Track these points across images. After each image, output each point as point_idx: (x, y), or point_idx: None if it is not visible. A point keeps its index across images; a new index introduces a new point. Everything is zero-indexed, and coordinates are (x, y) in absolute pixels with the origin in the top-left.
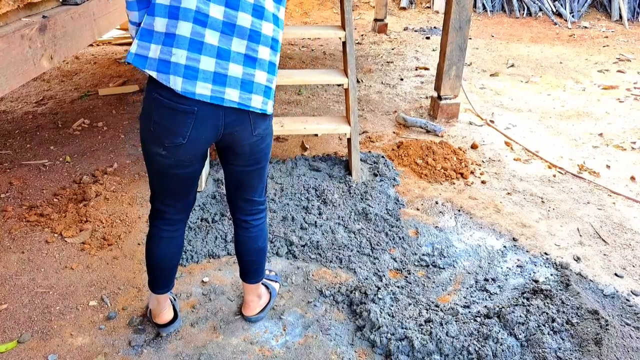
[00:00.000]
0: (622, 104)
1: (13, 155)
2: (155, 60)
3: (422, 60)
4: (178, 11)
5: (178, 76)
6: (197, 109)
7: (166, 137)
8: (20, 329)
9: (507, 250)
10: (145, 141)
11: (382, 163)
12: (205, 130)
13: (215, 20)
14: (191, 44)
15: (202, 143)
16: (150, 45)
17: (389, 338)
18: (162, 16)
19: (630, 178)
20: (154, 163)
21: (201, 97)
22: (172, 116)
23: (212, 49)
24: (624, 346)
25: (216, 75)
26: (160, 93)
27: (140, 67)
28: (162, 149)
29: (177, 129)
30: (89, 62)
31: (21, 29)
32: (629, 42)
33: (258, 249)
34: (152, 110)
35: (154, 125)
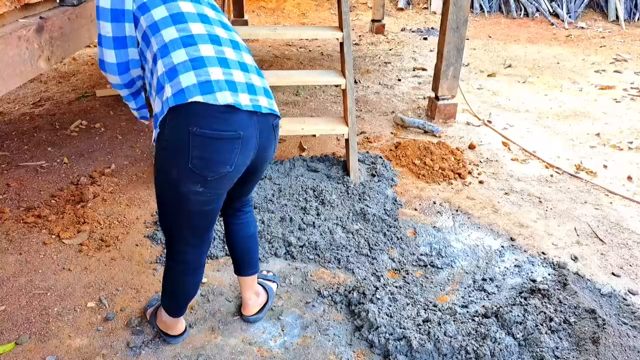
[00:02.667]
0: (619, 104)
1: (10, 157)
2: (194, 86)
3: (419, 61)
4: (193, 38)
5: (225, 90)
6: (242, 133)
7: (211, 170)
8: (18, 330)
9: (505, 250)
10: (177, 182)
11: (380, 163)
12: (249, 153)
13: (224, 39)
14: (220, 61)
15: (242, 168)
16: (179, 78)
17: (387, 338)
18: (178, 48)
19: (627, 178)
20: (185, 203)
21: (247, 107)
22: (219, 146)
23: (236, 63)
24: (621, 345)
25: (248, 86)
26: (199, 125)
27: (182, 101)
28: (200, 185)
29: (225, 157)
30: (86, 63)
31: (18, 30)
32: (625, 42)
33: (250, 236)
34: (191, 145)
35: (193, 161)
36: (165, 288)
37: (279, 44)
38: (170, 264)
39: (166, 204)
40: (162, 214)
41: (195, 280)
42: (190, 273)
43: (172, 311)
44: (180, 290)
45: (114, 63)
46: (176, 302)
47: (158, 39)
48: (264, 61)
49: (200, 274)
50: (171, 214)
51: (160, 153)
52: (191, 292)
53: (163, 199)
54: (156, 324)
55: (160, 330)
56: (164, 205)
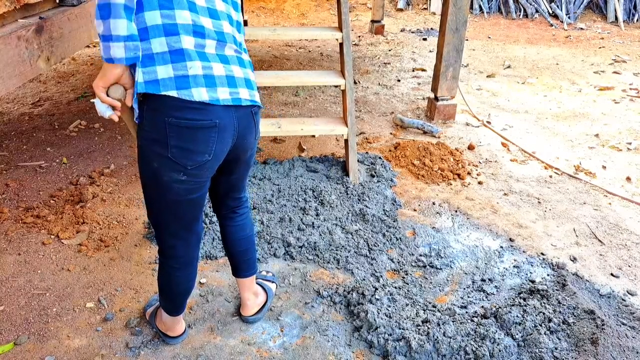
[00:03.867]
0: (618, 105)
1: (9, 157)
2: (170, 79)
3: (419, 62)
4: (176, 27)
5: (201, 87)
6: (218, 122)
7: (190, 159)
8: (17, 331)
9: (504, 250)
10: (158, 171)
11: (379, 164)
12: (226, 141)
13: (210, 31)
14: (199, 54)
15: (222, 156)
16: (155, 68)
17: (387, 339)
18: (159, 36)
19: (626, 178)
20: (168, 192)
21: (225, 102)
22: (195, 135)
23: (215, 56)
24: (620, 346)
25: (228, 79)
26: (174, 115)
27: (155, 91)
28: (182, 173)
29: (202, 147)
30: (85, 64)
31: (18, 30)
32: (624, 43)
33: (246, 237)
34: (168, 135)
35: (172, 151)
36: (160, 287)
37: (279, 45)
38: (162, 261)
39: (152, 195)
40: (149, 207)
41: (189, 275)
42: (183, 268)
43: (170, 310)
44: (175, 287)
45: None
46: (172, 299)
47: (140, 19)
48: (264, 61)
49: (193, 269)
50: (157, 206)
51: (141, 144)
52: (186, 288)
53: (148, 190)
54: (155, 325)
55: (160, 331)
56: (150, 197)
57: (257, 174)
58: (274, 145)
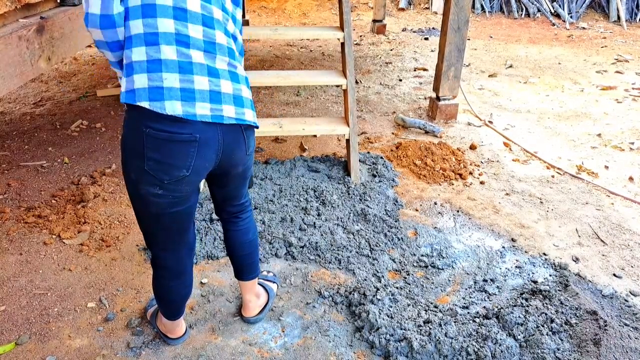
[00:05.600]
0: (620, 105)
1: (11, 157)
2: (144, 90)
3: (420, 61)
4: (157, 37)
5: (175, 100)
6: (198, 136)
7: (166, 173)
8: (18, 330)
9: (506, 251)
10: (135, 183)
11: (380, 164)
12: (208, 157)
13: (197, 40)
14: (181, 65)
15: (204, 172)
16: (133, 77)
17: (388, 339)
18: (139, 45)
19: (629, 178)
20: (148, 205)
21: (202, 118)
22: (173, 149)
23: (202, 67)
24: (622, 347)
25: (212, 94)
26: (152, 126)
27: (131, 101)
28: (158, 187)
29: (179, 161)
30: (87, 63)
31: (19, 30)
32: (627, 42)
33: (249, 242)
34: (145, 146)
35: (148, 163)
36: (155, 294)
37: (280, 44)
38: (154, 270)
39: (136, 207)
40: (137, 218)
41: (182, 284)
42: (174, 278)
43: (167, 315)
44: (169, 295)
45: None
46: (168, 306)
47: (127, 28)
48: (265, 61)
49: (187, 278)
50: (142, 218)
51: (122, 153)
52: (181, 295)
53: (132, 202)
54: (156, 325)
55: (160, 332)
56: (135, 209)
57: (258, 174)
58: (276, 145)
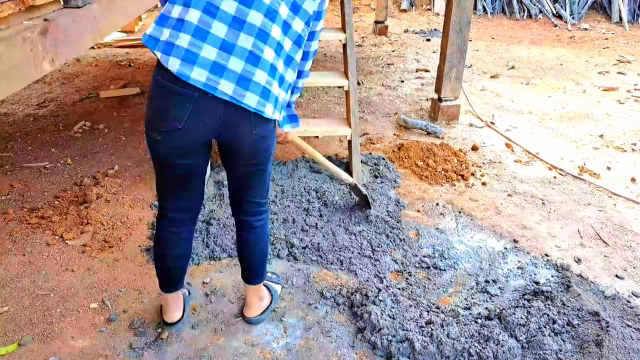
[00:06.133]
0: (622, 106)
1: (14, 158)
2: (162, 42)
3: (422, 63)
4: (190, 1)
5: (177, 58)
6: (197, 95)
7: (163, 121)
8: (21, 331)
9: (508, 251)
10: (145, 126)
11: (382, 165)
12: (203, 119)
13: (225, 14)
14: (196, 30)
15: (199, 132)
16: (162, 29)
17: (390, 340)
18: (179, 4)
19: (631, 179)
20: (152, 150)
21: (195, 82)
22: (170, 99)
23: (217, 40)
24: (624, 348)
25: (215, 65)
26: (162, 75)
27: (150, 47)
28: (158, 134)
29: (174, 112)
30: (90, 65)
31: (22, 32)
32: (629, 43)
33: (260, 250)
34: (154, 93)
35: (152, 108)
36: (154, 250)
37: None
38: (155, 231)
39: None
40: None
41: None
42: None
43: (161, 282)
44: (163, 251)
45: None
46: (162, 269)
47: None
48: None
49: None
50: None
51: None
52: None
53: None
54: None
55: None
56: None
57: None
58: (278, 146)
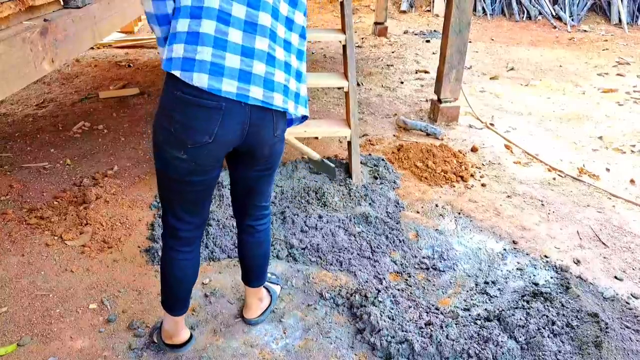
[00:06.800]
0: (621, 107)
1: (13, 158)
2: (179, 59)
3: (422, 64)
4: (201, 11)
5: (204, 73)
6: (224, 105)
7: (190, 137)
8: (20, 332)
9: (507, 253)
10: (162, 145)
11: (382, 166)
12: (232, 128)
13: (237, 20)
14: (216, 41)
15: (227, 143)
16: (173, 46)
17: (389, 341)
18: (185, 17)
19: (630, 181)
20: (169, 169)
21: (227, 94)
22: (198, 113)
23: (237, 47)
24: (623, 349)
25: (241, 73)
26: (183, 90)
27: (167, 69)
28: (182, 151)
29: (204, 126)
30: (89, 65)
31: (22, 32)
32: (628, 45)
33: (262, 254)
34: (175, 109)
35: (175, 126)
36: (162, 272)
37: None
38: (165, 241)
39: (157, 170)
40: (157, 181)
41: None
42: (182, 251)
43: (170, 305)
44: (174, 271)
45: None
46: (171, 288)
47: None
48: None
49: (192, 267)
50: (162, 182)
51: (155, 116)
52: (186, 275)
53: (155, 164)
54: (160, 338)
55: (164, 343)
56: (157, 171)
57: None
58: None
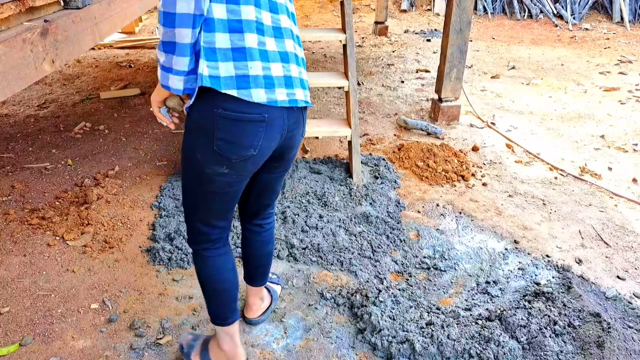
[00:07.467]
0: (623, 106)
1: (15, 159)
2: (232, 79)
3: (422, 63)
4: (241, 24)
5: (260, 88)
6: (267, 116)
7: (235, 152)
8: (22, 332)
9: (509, 252)
10: (202, 164)
11: (383, 166)
12: (274, 137)
13: (268, 27)
14: (261, 54)
15: (268, 152)
16: (218, 64)
17: (390, 341)
18: (223, 31)
19: (632, 180)
20: (211, 184)
21: (283, 103)
22: (244, 128)
23: (275, 54)
24: (626, 349)
25: (286, 79)
26: (224, 107)
27: (217, 88)
28: (225, 167)
29: (248, 141)
30: (90, 66)
31: (23, 33)
32: (630, 43)
33: (267, 253)
34: (215, 127)
35: (217, 143)
36: (202, 284)
37: None
38: (195, 249)
39: (190, 185)
40: (185, 195)
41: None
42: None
43: (220, 315)
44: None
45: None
46: (218, 294)
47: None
48: None
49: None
50: (194, 196)
51: (186, 135)
52: (228, 277)
53: (187, 179)
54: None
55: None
56: (188, 186)
57: None
58: None
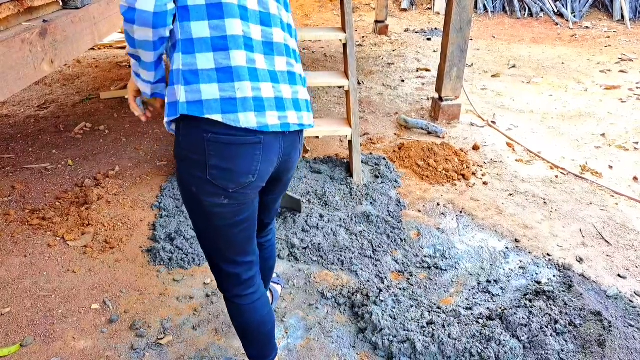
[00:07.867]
0: (624, 104)
1: (15, 159)
2: (215, 102)
3: (423, 62)
4: (226, 41)
5: (249, 111)
6: (263, 138)
7: (232, 181)
8: (23, 332)
9: (509, 251)
10: (197, 197)
11: (383, 165)
12: (271, 160)
13: (257, 43)
14: (250, 73)
15: (266, 176)
16: (199, 86)
17: (391, 340)
18: (205, 51)
19: (633, 178)
20: (212, 218)
21: (274, 128)
22: (239, 152)
23: (265, 73)
24: (627, 348)
25: (277, 101)
26: (216, 132)
27: (198, 114)
28: (223, 197)
29: (245, 166)
30: (90, 66)
31: (22, 34)
32: (631, 42)
33: (269, 267)
34: (206, 154)
35: (211, 172)
36: (238, 328)
37: None
38: (227, 296)
39: (197, 223)
40: (198, 236)
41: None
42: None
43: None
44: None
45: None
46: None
47: (185, 28)
48: None
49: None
50: (206, 234)
51: (179, 165)
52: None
53: (193, 217)
54: None
55: None
56: (196, 225)
57: None
58: None
